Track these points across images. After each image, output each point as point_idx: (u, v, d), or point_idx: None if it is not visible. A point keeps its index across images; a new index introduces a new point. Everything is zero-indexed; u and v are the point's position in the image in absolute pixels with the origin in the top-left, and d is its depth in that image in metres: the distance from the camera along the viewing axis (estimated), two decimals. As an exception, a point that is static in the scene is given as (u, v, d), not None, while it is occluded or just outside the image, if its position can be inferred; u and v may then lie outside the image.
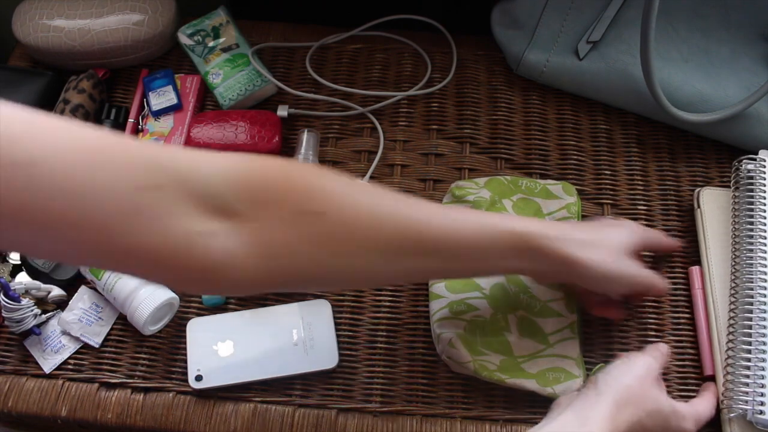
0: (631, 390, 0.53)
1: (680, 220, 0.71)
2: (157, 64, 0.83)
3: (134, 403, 0.62)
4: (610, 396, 0.52)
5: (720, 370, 0.61)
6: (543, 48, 0.77)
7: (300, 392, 0.63)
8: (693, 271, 0.67)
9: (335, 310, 0.66)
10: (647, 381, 0.54)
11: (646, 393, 0.54)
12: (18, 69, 0.80)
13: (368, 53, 0.84)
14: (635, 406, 0.52)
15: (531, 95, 0.80)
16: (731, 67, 0.73)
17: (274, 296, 0.67)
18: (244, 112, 0.76)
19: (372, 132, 0.78)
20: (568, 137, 0.77)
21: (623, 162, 0.75)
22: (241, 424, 0.61)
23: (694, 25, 0.74)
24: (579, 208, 0.69)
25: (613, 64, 0.74)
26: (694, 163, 0.75)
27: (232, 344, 0.64)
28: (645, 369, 0.55)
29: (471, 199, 0.68)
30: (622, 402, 0.52)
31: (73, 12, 0.79)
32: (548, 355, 0.62)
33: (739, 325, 0.61)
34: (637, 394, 0.53)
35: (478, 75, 0.82)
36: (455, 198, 0.69)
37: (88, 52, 0.79)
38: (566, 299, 0.65)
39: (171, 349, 0.65)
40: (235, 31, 0.81)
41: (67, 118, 0.38)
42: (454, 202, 0.69)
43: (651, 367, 0.56)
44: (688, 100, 0.72)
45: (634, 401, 0.52)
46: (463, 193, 0.69)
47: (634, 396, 0.53)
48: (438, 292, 0.65)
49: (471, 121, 0.78)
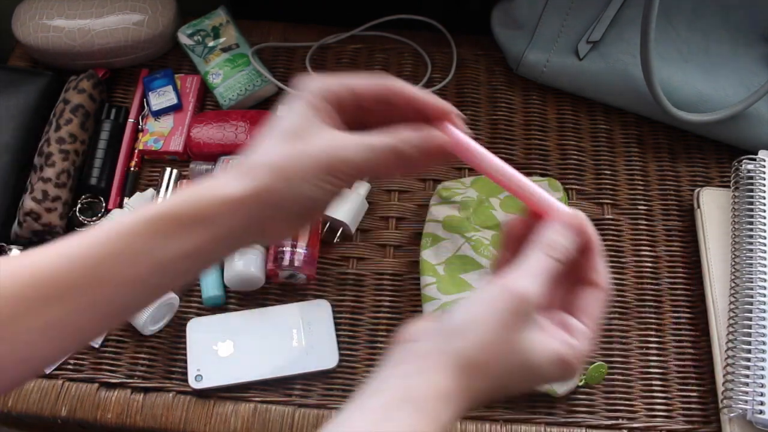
0: (485, 349, 0.36)
1: (680, 220, 0.71)
2: (157, 64, 0.83)
3: (134, 403, 0.62)
4: (450, 361, 0.35)
5: (720, 370, 0.61)
6: (543, 48, 0.77)
7: (300, 392, 0.63)
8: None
9: (335, 310, 0.66)
10: (513, 326, 0.36)
11: (511, 346, 0.36)
12: (18, 69, 0.80)
13: (368, 53, 0.84)
14: (493, 368, 0.36)
15: (531, 95, 0.80)
16: (731, 67, 0.73)
17: (274, 296, 0.67)
18: (244, 112, 0.76)
19: (372, 132, 0.78)
20: (568, 137, 0.77)
21: (623, 162, 0.75)
22: (241, 424, 0.61)
23: (694, 25, 0.74)
24: (565, 203, 0.70)
25: (613, 64, 0.74)
26: (694, 163, 0.75)
27: (232, 344, 0.64)
28: (510, 306, 0.36)
29: (458, 200, 0.68)
30: (470, 368, 0.35)
31: (73, 12, 0.79)
32: None
33: (739, 325, 0.61)
34: (495, 352, 0.36)
35: (478, 75, 0.82)
36: (442, 198, 0.69)
37: (88, 52, 0.79)
38: None
39: (171, 349, 0.65)
40: (235, 31, 0.81)
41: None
42: (441, 203, 0.69)
43: (523, 298, 0.36)
44: (688, 100, 0.72)
45: (489, 364, 0.36)
46: (450, 193, 0.69)
47: (489, 357, 0.36)
48: (430, 294, 0.65)
49: (471, 121, 0.78)
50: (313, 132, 0.38)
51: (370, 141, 0.38)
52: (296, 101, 0.39)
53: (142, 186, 0.75)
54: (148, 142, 0.76)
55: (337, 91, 0.39)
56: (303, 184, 0.37)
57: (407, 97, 0.40)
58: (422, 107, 0.41)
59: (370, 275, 0.69)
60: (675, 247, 0.70)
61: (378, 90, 0.40)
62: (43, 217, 0.68)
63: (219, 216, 0.37)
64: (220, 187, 0.37)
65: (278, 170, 0.37)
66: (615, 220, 0.71)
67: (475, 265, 0.66)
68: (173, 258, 0.37)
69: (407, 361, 0.36)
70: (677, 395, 0.62)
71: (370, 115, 0.41)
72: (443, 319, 0.38)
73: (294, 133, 0.38)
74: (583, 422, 0.61)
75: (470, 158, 0.41)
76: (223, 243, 0.38)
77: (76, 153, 0.72)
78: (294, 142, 0.38)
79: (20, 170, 0.72)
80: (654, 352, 0.64)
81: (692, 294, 0.67)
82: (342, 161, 0.37)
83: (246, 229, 0.38)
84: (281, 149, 0.38)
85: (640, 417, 0.61)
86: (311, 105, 0.39)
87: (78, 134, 0.73)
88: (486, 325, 0.36)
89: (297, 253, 0.65)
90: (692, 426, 0.61)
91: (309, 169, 0.37)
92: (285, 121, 0.39)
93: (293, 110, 0.39)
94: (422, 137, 0.39)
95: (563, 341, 0.38)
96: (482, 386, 0.36)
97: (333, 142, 0.38)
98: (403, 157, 0.39)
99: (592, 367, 0.61)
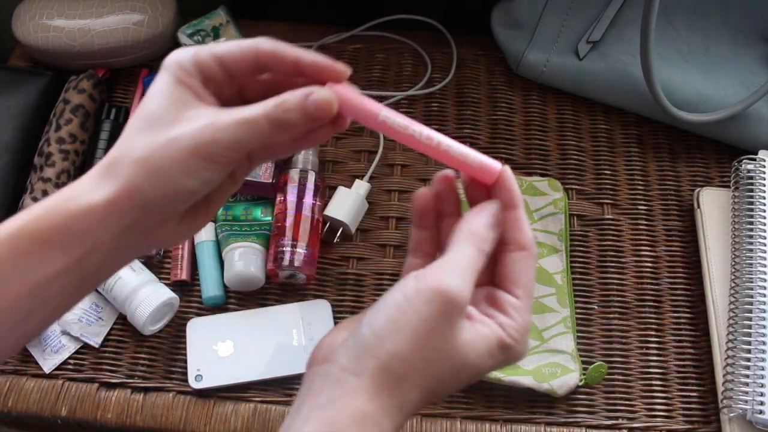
0: (407, 360, 0.32)
1: (680, 220, 0.71)
2: (157, 64, 0.82)
3: (134, 403, 0.62)
4: (367, 382, 0.32)
5: (720, 370, 0.61)
6: (543, 48, 0.77)
7: (300, 392, 0.63)
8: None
9: (335, 311, 0.66)
10: (442, 330, 0.32)
11: (440, 353, 0.32)
12: (18, 69, 0.80)
13: (368, 53, 0.84)
14: (421, 378, 0.33)
15: (531, 95, 0.80)
16: (731, 67, 0.73)
17: (274, 296, 0.67)
18: (244, 112, 0.76)
19: (372, 132, 0.78)
20: (568, 137, 0.77)
21: (623, 162, 0.75)
22: (241, 424, 0.61)
23: (694, 25, 0.74)
24: (566, 203, 0.70)
25: (613, 64, 0.74)
26: (694, 163, 0.75)
27: (232, 344, 0.64)
28: (439, 309, 0.32)
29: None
30: (393, 384, 0.32)
31: (73, 12, 0.79)
32: (543, 350, 0.62)
33: (739, 325, 0.61)
34: (421, 361, 0.32)
35: (478, 75, 0.82)
36: None
37: (88, 52, 0.79)
38: (558, 294, 0.65)
39: (171, 349, 0.65)
40: (235, 31, 0.81)
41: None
42: None
43: (454, 299, 0.32)
44: (688, 100, 0.72)
45: (415, 375, 0.32)
46: None
47: (414, 367, 0.32)
48: None
49: (471, 121, 0.78)
50: (180, 114, 0.33)
51: (243, 114, 0.33)
52: (161, 77, 0.35)
53: (142, 186, 0.74)
54: (148, 142, 0.76)
55: (204, 62, 0.35)
56: (174, 176, 0.32)
57: (281, 58, 0.35)
58: (303, 68, 0.35)
59: (370, 275, 0.69)
60: (675, 247, 0.70)
61: (246, 54, 0.35)
62: (43, 217, 0.68)
63: (84, 228, 0.32)
64: (80, 195, 0.32)
65: (144, 164, 0.32)
66: (615, 220, 0.71)
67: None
68: (40, 281, 0.32)
69: (322, 389, 0.33)
70: (677, 395, 0.62)
71: (251, 86, 0.37)
72: (359, 329, 0.33)
73: (159, 119, 0.33)
74: (583, 422, 0.61)
75: (364, 116, 0.35)
76: (99, 258, 0.33)
77: (76, 153, 0.72)
78: (159, 129, 0.33)
79: (20, 170, 0.72)
80: (654, 352, 0.64)
81: (692, 294, 0.67)
82: (214, 143, 0.32)
83: (122, 237, 0.33)
84: (146, 139, 0.33)
85: (640, 417, 0.61)
86: (177, 80, 0.34)
87: (78, 134, 0.73)
88: (409, 333, 0.32)
89: (297, 253, 0.65)
90: (692, 426, 0.61)
91: (178, 159, 0.32)
92: (149, 104, 0.34)
93: (157, 89, 0.34)
94: (299, 98, 0.34)
95: (498, 324, 0.34)
96: (412, 397, 0.33)
97: (202, 123, 0.33)
98: (284, 125, 0.34)
99: (592, 367, 0.61)
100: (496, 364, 0.34)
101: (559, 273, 0.66)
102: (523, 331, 0.35)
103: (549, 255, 0.67)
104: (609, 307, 0.67)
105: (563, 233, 0.68)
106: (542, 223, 0.69)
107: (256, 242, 0.67)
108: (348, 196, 0.70)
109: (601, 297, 0.67)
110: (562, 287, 0.65)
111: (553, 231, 0.68)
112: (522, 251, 0.35)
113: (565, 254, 0.67)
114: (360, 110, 0.35)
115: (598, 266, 0.69)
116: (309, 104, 0.34)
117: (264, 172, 0.69)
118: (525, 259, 0.35)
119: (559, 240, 0.68)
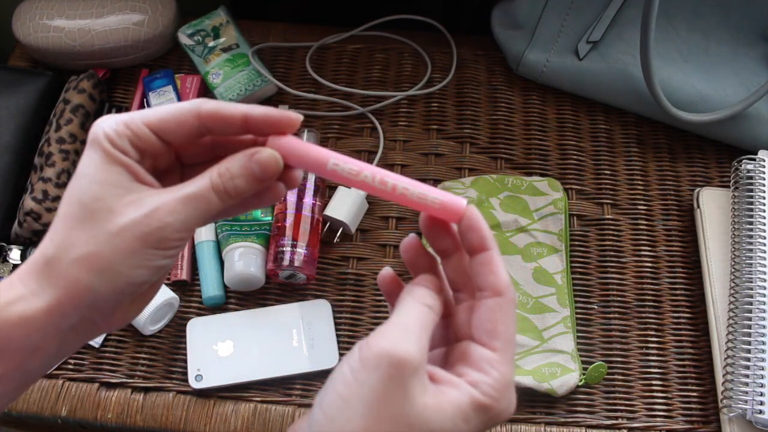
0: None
1: (680, 220, 0.71)
2: (157, 64, 0.83)
3: (134, 403, 0.62)
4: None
5: (719, 370, 0.61)
6: (543, 48, 0.77)
7: (300, 392, 0.63)
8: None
9: (335, 310, 0.66)
10: (396, 399, 0.29)
11: (398, 426, 0.29)
12: (18, 69, 0.80)
13: (368, 53, 0.84)
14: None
15: (531, 95, 0.80)
16: (731, 67, 0.73)
17: (274, 296, 0.67)
18: (244, 112, 0.76)
19: (372, 132, 0.78)
20: (568, 137, 0.77)
21: (623, 162, 0.75)
22: (241, 424, 0.61)
23: (694, 25, 0.74)
24: (566, 203, 0.70)
25: (613, 64, 0.74)
26: (694, 163, 0.75)
27: (232, 344, 0.64)
28: (388, 375, 0.29)
29: None
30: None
31: (73, 12, 0.79)
32: (543, 350, 0.62)
33: (739, 325, 0.61)
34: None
35: (478, 75, 0.82)
36: None
37: (88, 52, 0.79)
38: (558, 294, 0.65)
39: (171, 349, 0.65)
40: (235, 31, 0.81)
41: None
42: None
43: (403, 363, 0.29)
44: (688, 100, 0.72)
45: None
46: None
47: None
48: None
49: (471, 121, 0.78)
50: (119, 200, 0.30)
51: (187, 191, 0.31)
52: (91, 155, 0.31)
53: (142, 186, 0.74)
54: (148, 142, 0.76)
55: (137, 133, 0.31)
56: (125, 271, 0.30)
57: (227, 119, 0.32)
58: (253, 125, 0.32)
59: (370, 275, 0.69)
60: (675, 247, 0.70)
61: (184, 121, 0.32)
62: (43, 217, 0.68)
63: (24, 336, 0.30)
64: (16, 301, 0.30)
65: (89, 264, 0.30)
66: (615, 220, 0.71)
67: (475, 265, 0.66)
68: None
69: None
70: (677, 395, 0.62)
71: (190, 149, 0.34)
72: (312, 411, 0.31)
73: (96, 208, 0.30)
74: (582, 422, 0.61)
75: (313, 166, 0.33)
76: (43, 357, 0.31)
77: (77, 153, 0.72)
78: (99, 221, 0.30)
79: (20, 170, 0.72)
80: (654, 352, 0.64)
81: (692, 294, 0.67)
82: (163, 228, 0.30)
83: (67, 336, 0.31)
84: (86, 234, 0.30)
85: (640, 417, 0.61)
86: (109, 159, 0.31)
87: (78, 134, 0.73)
88: (361, 408, 0.28)
89: (297, 253, 0.65)
90: (692, 426, 0.61)
91: (127, 252, 0.30)
92: (82, 191, 0.31)
93: (89, 172, 0.31)
94: (243, 162, 0.32)
95: (470, 383, 0.30)
96: None
97: (146, 209, 0.30)
98: (231, 193, 0.32)
99: (592, 367, 0.61)
100: (474, 429, 0.30)
101: (559, 273, 0.66)
102: (503, 387, 0.31)
103: (549, 255, 0.67)
104: (609, 307, 0.67)
105: (563, 233, 0.68)
106: (542, 223, 0.69)
107: (256, 242, 0.67)
108: (348, 196, 0.70)
109: (601, 297, 0.67)
110: (562, 287, 0.66)
111: (553, 231, 0.68)
112: (498, 297, 0.32)
113: (565, 254, 0.67)
114: (308, 160, 0.33)
115: (598, 266, 0.69)
116: (254, 167, 0.32)
117: (264, 172, 0.69)
118: (501, 306, 0.32)
119: (559, 240, 0.68)
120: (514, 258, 0.67)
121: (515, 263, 0.67)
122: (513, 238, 0.68)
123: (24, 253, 0.68)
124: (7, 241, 0.69)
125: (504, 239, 0.68)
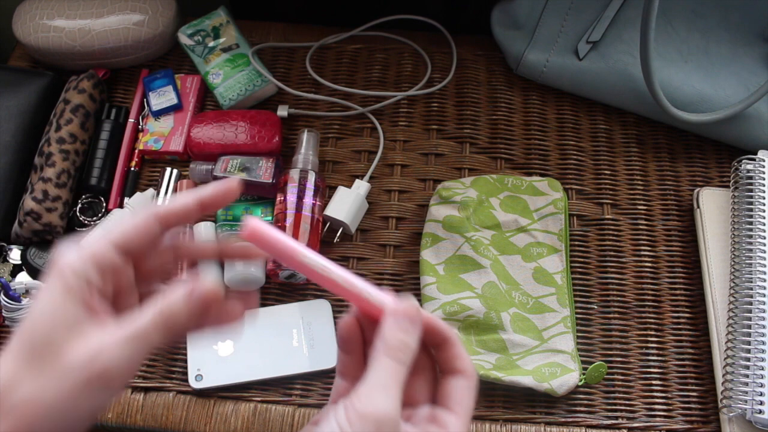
0: None
1: (680, 220, 0.72)
2: (157, 64, 0.83)
3: (134, 403, 0.62)
4: None
5: (719, 370, 0.61)
6: (543, 48, 0.77)
7: (300, 392, 0.63)
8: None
9: (335, 310, 0.66)
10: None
11: None
12: (18, 69, 0.80)
13: (368, 53, 0.84)
14: None
15: (531, 95, 0.80)
16: (731, 67, 0.73)
17: (274, 296, 0.67)
18: (244, 112, 0.76)
19: (372, 132, 0.78)
20: (568, 137, 0.77)
21: (623, 162, 0.75)
22: (241, 424, 0.61)
23: (693, 25, 0.74)
24: (566, 203, 0.70)
25: (613, 64, 0.74)
26: (694, 163, 0.75)
27: (232, 344, 0.64)
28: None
29: (458, 200, 0.68)
30: None
31: (73, 12, 0.79)
32: (543, 350, 0.62)
33: (739, 324, 0.61)
34: None
35: (478, 75, 0.82)
36: (442, 198, 0.69)
37: (88, 52, 0.79)
38: (558, 294, 0.65)
39: (171, 349, 0.65)
40: (235, 31, 0.81)
41: None
42: (441, 203, 0.69)
43: (383, 420, 0.32)
44: (688, 100, 0.72)
45: None
46: (450, 193, 0.69)
47: None
48: (430, 294, 0.65)
49: (471, 121, 0.78)
50: (68, 338, 0.31)
51: (131, 330, 0.32)
52: (52, 285, 0.33)
53: (142, 186, 0.75)
54: (148, 142, 0.76)
55: (105, 260, 0.33)
56: (69, 411, 0.31)
57: (183, 209, 0.36)
58: (207, 203, 0.36)
59: (370, 275, 0.69)
60: (675, 247, 0.70)
61: (144, 229, 0.34)
62: (43, 217, 0.68)
63: None
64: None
65: (33, 405, 0.30)
66: (615, 220, 0.72)
67: (475, 265, 0.66)
68: None
69: None
70: (677, 395, 0.62)
71: (150, 261, 0.36)
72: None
73: (45, 346, 0.31)
74: (582, 422, 0.61)
75: (282, 255, 0.36)
76: None
77: (77, 153, 0.72)
78: (46, 360, 0.31)
79: (20, 170, 0.72)
80: (654, 352, 0.64)
81: (692, 294, 0.67)
82: (108, 370, 0.31)
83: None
84: (32, 375, 0.31)
85: (640, 417, 0.61)
86: (69, 292, 0.32)
87: (78, 134, 0.73)
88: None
89: (297, 253, 0.65)
90: (692, 426, 0.61)
91: (71, 394, 0.31)
92: (36, 330, 0.32)
93: (45, 305, 0.32)
94: (183, 298, 0.33)
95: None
96: None
97: (92, 350, 0.31)
98: (174, 328, 0.33)
99: (592, 367, 0.61)
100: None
101: (559, 273, 0.66)
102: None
103: (549, 255, 0.67)
104: (609, 307, 0.67)
105: (563, 233, 0.68)
106: (542, 223, 0.69)
107: (256, 242, 0.67)
108: (348, 196, 0.70)
109: (600, 297, 0.67)
110: (562, 287, 0.66)
111: (553, 231, 0.68)
112: (463, 376, 0.36)
113: (565, 254, 0.67)
114: (276, 249, 0.35)
115: (597, 266, 0.69)
116: (194, 301, 0.34)
117: (264, 172, 0.69)
118: (465, 382, 0.36)
119: (559, 240, 0.68)
120: (514, 258, 0.67)
121: (515, 263, 0.67)
122: (513, 238, 0.68)
123: (24, 253, 0.68)
124: (7, 241, 0.69)
125: (504, 239, 0.68)
